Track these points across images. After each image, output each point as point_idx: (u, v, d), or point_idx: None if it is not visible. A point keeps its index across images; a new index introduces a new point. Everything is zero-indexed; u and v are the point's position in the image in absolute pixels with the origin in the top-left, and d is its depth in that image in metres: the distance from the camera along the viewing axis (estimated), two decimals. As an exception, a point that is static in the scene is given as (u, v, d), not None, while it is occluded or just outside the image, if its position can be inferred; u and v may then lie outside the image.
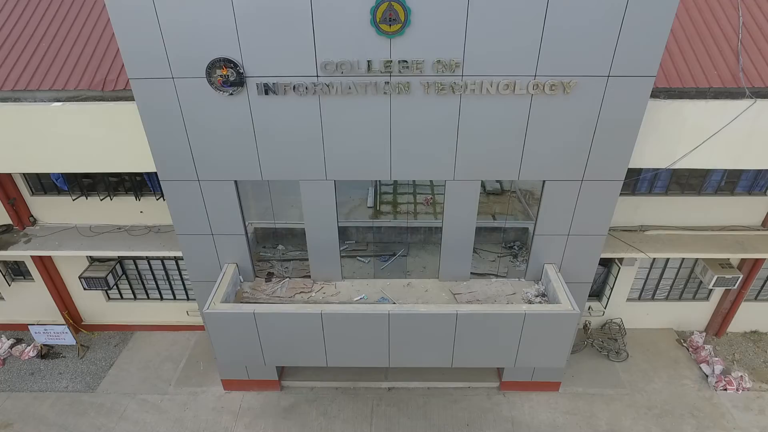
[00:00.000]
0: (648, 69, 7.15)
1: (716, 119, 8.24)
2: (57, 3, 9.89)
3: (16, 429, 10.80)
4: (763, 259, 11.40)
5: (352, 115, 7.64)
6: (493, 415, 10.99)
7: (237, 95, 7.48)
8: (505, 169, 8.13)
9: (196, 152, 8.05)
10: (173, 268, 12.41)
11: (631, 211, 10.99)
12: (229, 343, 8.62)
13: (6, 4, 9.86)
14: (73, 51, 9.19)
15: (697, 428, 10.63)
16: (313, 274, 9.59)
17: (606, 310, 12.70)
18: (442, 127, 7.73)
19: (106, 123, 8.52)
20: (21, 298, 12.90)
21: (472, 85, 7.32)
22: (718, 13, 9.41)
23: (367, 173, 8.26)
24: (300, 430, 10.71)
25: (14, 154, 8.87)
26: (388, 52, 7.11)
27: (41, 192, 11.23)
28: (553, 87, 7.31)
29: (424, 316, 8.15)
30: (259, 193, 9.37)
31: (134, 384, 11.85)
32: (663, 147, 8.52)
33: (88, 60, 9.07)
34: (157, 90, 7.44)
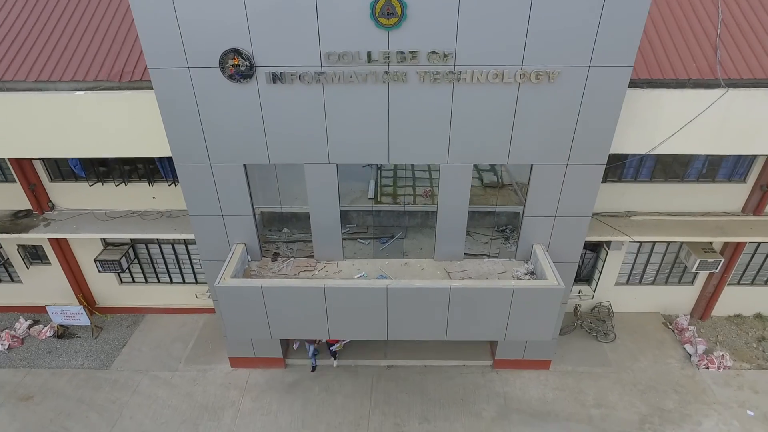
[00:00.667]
0: (625, 60, 7.76)
1: (692, 107, 8.84)
2: (76, 0, 10.54)
3: (36, 401, 11.45)
4: (743, 244, 11.99)
5: (353, 102, 8.26)
6: (487, 390, 11.61)
7: (247, 84, 8.12)
8: (495, 153, 8.75)
9: (208, 137, 8.68)
10: (183, 252, 13.06)
11: (618, 197, 11.59)
12: (238, 316, 9.23)
13: (29, 0, 10.51)
14: (91, 44, 9.80)
15: (679, 403, 11.22)
16: (317, 253, 10.22)
17: (595, 294, 13.30)
18: (436, 114, 8.36)
19: (125, 110, 9.15)
20: (38, 282, 13.55)
21: (463, 74, 7.94)
22: (698, 9, 10.00)
23: (367, 157, 8.89)
24: (303, 404, 11.33)
25: (38, 140, 9.48)
26: (386, 43, 7.74)
27: (59, 178, 11.88)
28: (539, 76, 7.92)
29: (419, 290, 8.77)
30: (266, 180, 9.96)
31: (146, 362, 12.49)
32: (643, 133, 9.13)
33: (106, 53, 9.68)
34: (173, 79, 8.08)
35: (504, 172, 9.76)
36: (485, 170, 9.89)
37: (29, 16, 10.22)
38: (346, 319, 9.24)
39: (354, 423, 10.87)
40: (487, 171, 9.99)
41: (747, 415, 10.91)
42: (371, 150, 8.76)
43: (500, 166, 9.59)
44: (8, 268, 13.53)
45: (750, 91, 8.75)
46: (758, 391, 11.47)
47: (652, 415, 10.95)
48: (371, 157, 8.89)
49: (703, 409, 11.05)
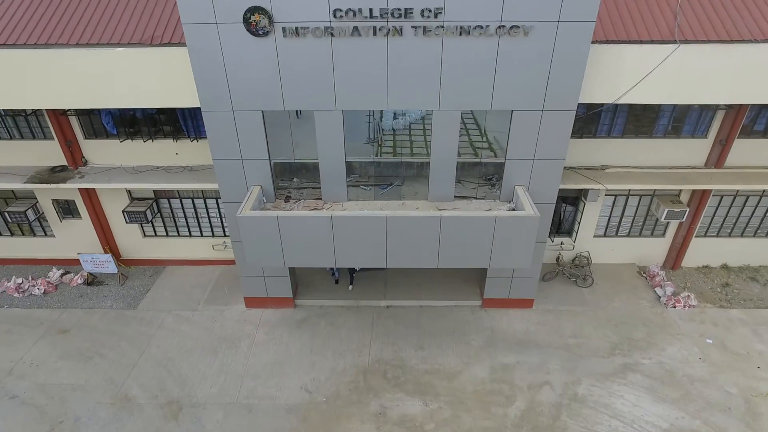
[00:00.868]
0: (588, 15, 9.13)
1: (650, 61, 10.19)
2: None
3: (73, 333, 12.80)
4: (707, 195, 13.32)
5: (357, 54, 9.62)
6: (476, 325, 12.95)
7: (266, 38, 9.48)
8: (480, 100, 10.11)
9: (232, 87, 10.05)
10: (201, 206, 14.41)
11: (593, 152, 12.96)
12: (256, 245, 10.57)
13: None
14: (123, 14, 11.16)
15: (647, 334, 12.56)
16: (324, 195, 11.57)
17: (575, 245, 14.65)
18: (428, 64, 9.72)
19: (158, 64, 10.51)
20: (69, 235, 14.89)
21: (451, 29, 9.30)
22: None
23: (369, 103, 10.25)
24: (311, 336, 12.67)
25: (84, 92, 10.84)
26: (385, 1, 9.10)
27: (93, 136, 13.24)
28: (515, 30, 9.29)
29: (414, 218, 10.12)
30: (280, 136, 11.23)
31: (169, 303, 13.84)
32: (608, 85, 10.48)
33: (137, 21, 11.04)
34: (204, 33, 9.45)
35: (488, 126, 11.09)
36: (471, 126, 11.24)
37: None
38: (351, 248, 10.57)
39: (357, 350, 12.20)
40: (473, 127, 11.35)
41: (706, 343, 12.25)
42: (372, 97, 10.11)
43: (484, 119, 10.93)
44: (42, 223, 14.87)
45: (699, 46, 10.12)
46: (718, 325, 12.82)
47: (622, 343, 12.29)
48: (373, 104, 10.26)
49: (667, 339, 12.39)
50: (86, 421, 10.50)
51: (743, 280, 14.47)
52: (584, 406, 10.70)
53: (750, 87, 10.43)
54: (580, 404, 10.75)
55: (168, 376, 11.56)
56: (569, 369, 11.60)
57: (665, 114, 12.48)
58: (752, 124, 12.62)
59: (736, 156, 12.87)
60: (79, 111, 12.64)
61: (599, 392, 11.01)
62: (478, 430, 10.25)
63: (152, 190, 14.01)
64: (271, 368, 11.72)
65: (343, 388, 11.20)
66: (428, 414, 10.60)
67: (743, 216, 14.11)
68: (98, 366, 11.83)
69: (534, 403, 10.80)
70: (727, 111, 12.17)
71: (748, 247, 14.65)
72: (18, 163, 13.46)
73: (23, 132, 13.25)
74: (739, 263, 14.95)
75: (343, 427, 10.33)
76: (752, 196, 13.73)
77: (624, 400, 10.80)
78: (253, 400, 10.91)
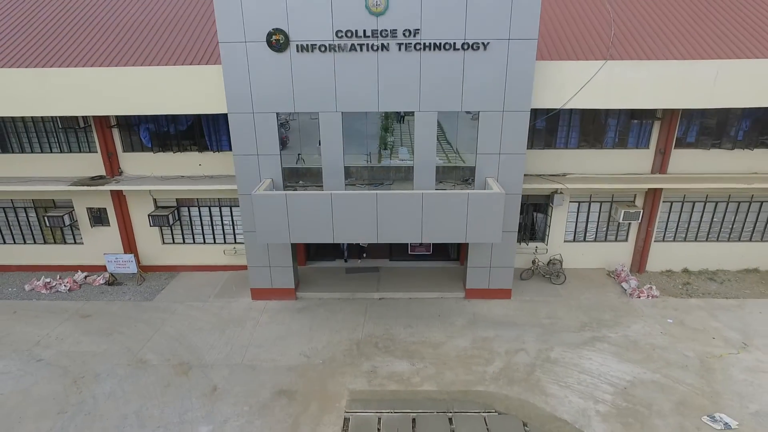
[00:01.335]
0: (531, 34, 11.90)
1: (585, 74, 12.84)
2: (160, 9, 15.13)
3: (94, 318, 14.14)
4: (658, 197, 15.33)
5: (353, 65, 12.27)
6: (459, 310, 14.31)
7: (283, 53, 12.20)
8: (452, 102, 12.59)
9: (253, 92, 12.58)
10: (217, 214, 16.39)
11: (555, 160, 15.23)
12: (267, 222, 12.38)
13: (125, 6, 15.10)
14: (163, 46, 14.12)
15: (614, 316, 13.90)
16: (325, 189, 13.62)
17: (548, 249, 16.37)
18: (410, 74, 12.33)
19: (193, 79, 13.17)
20: (96, 242, 16.67)
21: (427, 45, 12.04)
22: (595, 18, 14.46)
23: (363, 106, 12.71)
24: (311, 319, 14.00)
25: (136, 102, 13.40)
26: (375, 24, 11.93)
27: (130, 149, 15.61)
28: (477, 46, 12.02)
29: (399, 195, 12.09)
30: (291, 147, 13.60)
31: (181, 297, 15.27)
32: (555, 93, 13.03)
33: (173, 51, 13.95)
34: (235, 50, 12.18)
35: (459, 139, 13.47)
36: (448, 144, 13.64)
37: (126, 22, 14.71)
38: (347, 224, 12.39)
39: (351, 328, 13.49)
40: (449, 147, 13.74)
41: (667, 322, 13.55)
42: (366, 100, 12.61)
43: (456, 137, 13.33)
44: (74, 231, 16.74)
45: (622, 62, 12.84)
46: (678, 309, 14.19)
47: (592, 322, 13.60)
48: (366, 106, 12.72)
49: (632, 320, 13.70)
50: (105, 376, 11.61)
51: (702, 280, 15.99)
52: (556, 366, 11.84)
53: (663, 95, 13.00)
54: (552, 364, 11.90)
55: (179, 346, 12.77)
56: (543, 340, 12.83)
57: (611, 128, 14.96)
58: (685, 137, 15.04)
59: (676, 165, 15.12)
60: (122, 125, 15.14)
61: (570, 356, 12.19)
62: (459, 382, 11.34)
63: (175, 199, 16.09)
64: (274, 341, 12.96)
65: (338, 354, 12.38)
66: (415, 371, 11.72)
67: (693, 221, 16.02)
68: (116, 339, 13.07)
69: (510, 363, 11.94)
70: (662, 123, 14.65)
71: (706, 251, 16.32)
72: (64, 174, 15.69)
73: (72, 146, 15.64)
74: (698, 267, 16.54)
75: (337, 381, 11.42)
76: (698, 202, 15.76)
77: (592, 362, 11.96)
78: (257, 362, 12.07)
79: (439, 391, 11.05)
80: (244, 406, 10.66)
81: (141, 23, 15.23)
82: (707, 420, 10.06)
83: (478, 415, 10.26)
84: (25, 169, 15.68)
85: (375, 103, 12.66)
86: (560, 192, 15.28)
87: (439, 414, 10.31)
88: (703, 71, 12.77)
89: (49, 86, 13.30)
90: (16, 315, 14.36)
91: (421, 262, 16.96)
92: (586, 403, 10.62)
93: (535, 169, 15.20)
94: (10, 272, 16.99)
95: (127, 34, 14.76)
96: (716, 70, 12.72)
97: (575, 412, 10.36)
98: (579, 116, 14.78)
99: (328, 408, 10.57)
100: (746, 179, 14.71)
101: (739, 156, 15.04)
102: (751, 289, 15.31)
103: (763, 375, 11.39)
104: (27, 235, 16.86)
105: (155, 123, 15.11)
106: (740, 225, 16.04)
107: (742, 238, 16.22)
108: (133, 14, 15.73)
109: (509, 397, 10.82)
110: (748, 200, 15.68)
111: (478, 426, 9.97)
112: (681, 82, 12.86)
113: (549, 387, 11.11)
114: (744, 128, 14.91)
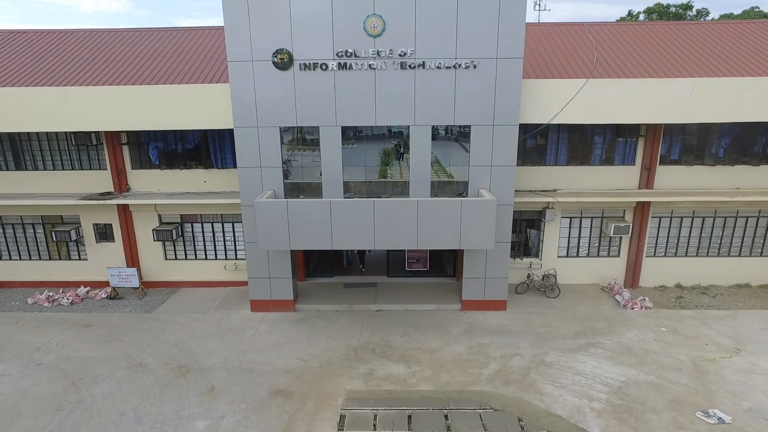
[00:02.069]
0: (517, 53, 12.85)
1: (569, 91, 13.71)
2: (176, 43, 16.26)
3: (95, 327, 14.31)
4: (647, 212, 15.86)
5: (352, 83, 13.16)
6: (455, 321, 14.49)
7: (287, 71, 13.12)
8: (445, 116, 13.38)
9: (258, 107, 13.41)
10: (219, 230, 16.87)
11: (546, 177, 15.88)
12: (268, 228, 12.84)
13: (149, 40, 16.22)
14: (174, 73, 15.14)
15: (608, 325, 14.07)
16: (325, 199, 14.17)
17: (543, 264, 16.72)
18: (405, 90, 13.19)
19: (201, 97, 14.05)
20: (100, 258, 17.04)
21: (420, 64, 12.98)
22: (581, 46, 15.55)
23: (362, 120, 13.49)
24: (309, 328, 14.17)
25: (144, 118, 14.23)
26: (373, 45, 12.91)
27: (138, 166, 16.31)
28: (467, 64, 12.96)
29: (396, 202, 12.63)
30: (294, 169, 14.31)
31: (182, 310, 15.48)
32: (542, 109, 13.85)
33: (185, 74, 14.95)
34: (242, 68, 13.11)
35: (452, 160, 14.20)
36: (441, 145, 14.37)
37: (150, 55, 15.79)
38: (345, 231, 12.84)
39: (348, 336, 13.65)
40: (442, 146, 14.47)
41: (660, 330, 13.72)
42: (364, 115, 13.41)
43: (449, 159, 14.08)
44: (79, 247, 17.16)
45: (604, 80, 13.75)
46: (671, 319, 14.38)
47: (586, 330, 13.77)
48: (364, 120, 13.50)
49: (626, 328, 13.88)
50: (104, 378, 11.70)
51: (695, 294, 16.24)
52: (551, 368, 11.95)
53: (643, 110, 13.82)
54: (547, 367, 12.01)
55: (178, 351, 12.91)
56: (538, 346, 12.97)
57: (598, 145, 15.72)
58: (668, 154, 15.77)
59: (661, 181, 15.75)
60: (132, 143, 15.91)
61: (564, 359, 12.31)
62: (455, 383, 11.42)
63: (179, 215, 16.62)
64: (271, 347, 13.10)
65: (335, 359, 12.50)
66: (411, 373, 11.82)
67: (683, 236, 16.47)
68: (116, 346, 13.21)
69: (506, 366, 12.05)
70: (645, 140, 15.41)
71: (698, 266, 16.66)
72: (74, 190, 16.31)
73: (83, 163, 16.35)
74: (691, 282, 16.82)
75: (333, 382, 11.51)
76: (685, 217, 16.28)
77: (586, 365, 12.07)
78: (254, 366, 12.18)
79: (434, 390, 11.12)
80: (241, 404, 10.72)
81: (151, 52, 16.35)
82: (701, 415, 10.11)
83: (473, 412, 10.31)
84: (38, 185, 16.33)
85: (372, 118, 13.45)
86: (552, 207, 15.84)
87: (434, 410, 10.36)
88: (679, 88, 13.65)
89: (69, 103, 14.16)
90: (18, 325, 14.54)
91: (418, 278, 17.27)
92: (580, 401, 10.68)
93: (526, 185, 15.82)
94: (14, 288, 17.25)
95: (139, 62, 15.81)
96: (691, 87, 13.60)
97: (570, 409, 10.41)
98: (567, 134, 15.58)
99: (325, 406, 10.63)
100: (729, 193, 15.29)
101: (721, 172, 15.71)
102: (744, 302, 15.53)
103: (757, 376, 11.49)
104: (33, 251, 17.26)
105: (164, 141, 15.90)
106: (728, 240, 16.47)
107: (731, 253, 16.61)
108: (144, 46, 16.90)
109: (505, 396, 10.89)
110: (734, 215, 16.20)
111: (474, 422, 10.01)
112: (659, 99, 13.71)
113: (544, 387, 11.19)
114: (723, 145, 15.67)
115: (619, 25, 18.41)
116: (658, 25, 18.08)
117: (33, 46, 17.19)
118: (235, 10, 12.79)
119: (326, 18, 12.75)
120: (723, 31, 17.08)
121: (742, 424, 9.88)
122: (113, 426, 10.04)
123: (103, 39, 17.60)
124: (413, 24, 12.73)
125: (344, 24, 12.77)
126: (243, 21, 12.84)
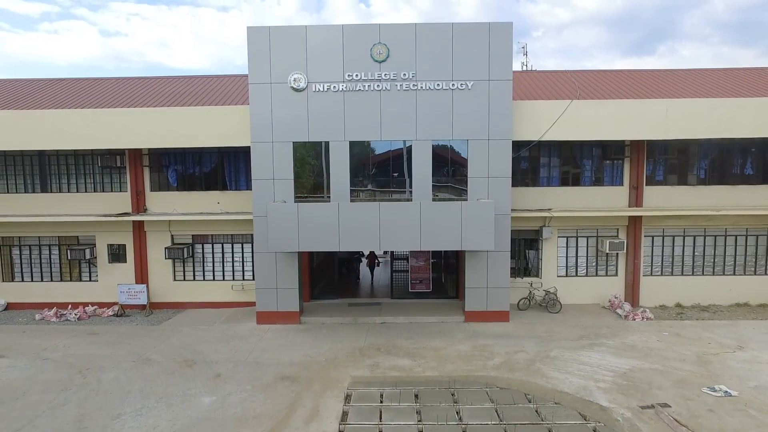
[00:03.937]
0: (507, 75, 14.47)
1: (556, 111, 15.15)
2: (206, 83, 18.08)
3: (102, 335, 14.42)
4: (639, 229, 16.59)
5: (360, 102, 14.63)
6: (459, 329, 14.62)
7: (302, 92, 14.65)
8: (444, 132, 14.67)
9: (274, 124, 14.76)
10: (229, 251, 17.47)
11: (540, 197, 16.83)
12: (279, 230, 13.52)
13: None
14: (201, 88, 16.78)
15: (611, 331, 14.20)
16: (332, 209, 15.01)
17: (543, 283, 17.08)
18: (407, 109, 14.62)
19: (224, 119, 15.47)
20: (110, 280, 17.40)
21: (421, 86, 14.54)
22: (566, 83, 17.32)
23: (368, 136, 14.76)
24: (314, 335, 14.27)
25: (168, 136, 15.54)
26: (379, 69, 14.57)
27: (157, 188, 17.33)
28: (462, 86, 14.52)
29: (400, 205, 13.49)
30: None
31: (188, 323, 15.62)
32: (531, 127, 15.18)
33: (212, 92, 16.57)
34: (261, 89, 14.66)
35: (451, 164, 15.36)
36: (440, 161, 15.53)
37: (172, 88, 17.54)
38: (352, 233, 13.52)
39: (354, 340, 13.74)
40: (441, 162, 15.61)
41: (663, 334, 13.84)
42: (370, 131, 14.71)
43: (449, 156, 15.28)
44: (91, 267, 17.63)
45: (586, 101, 15.25)
46: (673, 327, 14.51)
47: (589, 334, 13.88)
48: (370, 136, 14.78)
49: (629, 333, 14.00)
50: (110, 368, 11.72)
51: (696, 311, 16.43)
52: (556, 360, 12.01)
53: (624, 128, 15.17)
54: (551, 359, 12.07)
55: (185, 351, 12.98)
56: (542, 345, 13.06)
57: (587, 167, 16.89)
58: (653, 175, 16.88)
59: (649, 200, 16.68)
60: (153, 165, 17.08)
61: (569, 354, 12.38)
62: (461, 371, 11.45)
63: (191, 235, 17.33)
64: (277, 348, 13.18)
65: (341, 355, 12.57)
66: (416, 365, 11.87)
67: (676, 255, 17.04)
68: (123, 348, 13.28)
69: (511, 359, 12.11)
70: (631, 162, 16.59)
71: (696, 285, 16.99)
72: (93, 211, 17.16)
73: (105, 186, 17.40)
74: (691, 302, 17.05)
75: (339, 371, 11.53)
76: (677, 236, 16.98)
77: (591, 358, 12.14)
78: (261, 360, 12.24)
79: (440, 375, 11.15)
80: (247, 385, 10.73)
81: (179, 92, 18.16)
82: (707, 390, 10.12)
83: (480, 390, 10.30)
84: (61, 207, 17.20)
85: (378, 134, 14.74)
86: (548, 225, 16.62)
87: (441, 389, 10.36)
88: (655, 108, 15.10)
89: (100, 123, 15.55)
90: (25, 334, 14.66)
91: (421, 300, 17.52)
92: (587, 382, 10.71)
93: (523, 205, 16.69)
94: (23, 309, 17.41)
95: (166, 101, 17.53)
96: (666, 108, 15.06)
97: (577, 387, 10.42)
98: (558, 158, 16.82)
99: (331, 387, 10.63)
100: (715, 209, 16.15)
101: (705, 191, 16.68)
102: (744, 316, 15.71)
103: (762, 365, 11.54)
104: (45, 272, 17.70)
105: (183, 164, 17.11)
106: (721, 258, 17.02)
107: (726, 272, 17.07)
108: (171, 87, 18.78)
109: (511, 379, 10.91)
110: (722, 234, 16.92)
111: (481, 397, 10.00)
112: (638, 117, 15.10)
113: (550, 372, 11.23)
114: (704, 167, 16.84)
115: (599, 72, 20.50)
116: (635, 72, 20.14)
117: (95, 88, 19.04)
118: (257, 39, 14.61)
119: (338, 46, 14.53)
120: (690, 76, 19.06)
121: (748, 397, 9.88)
122: (119, 401, 10.01)
123: (132, 84, 19.51)
124: (414, 51, 14.48)
125: (353, 51, 14.52)
126: (264, 48, 14.61)
